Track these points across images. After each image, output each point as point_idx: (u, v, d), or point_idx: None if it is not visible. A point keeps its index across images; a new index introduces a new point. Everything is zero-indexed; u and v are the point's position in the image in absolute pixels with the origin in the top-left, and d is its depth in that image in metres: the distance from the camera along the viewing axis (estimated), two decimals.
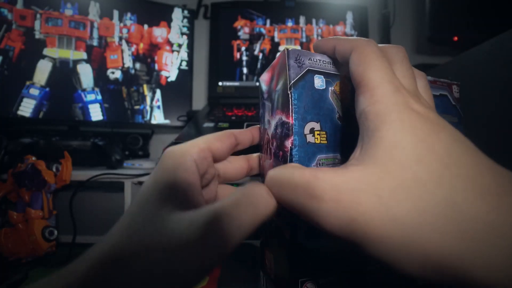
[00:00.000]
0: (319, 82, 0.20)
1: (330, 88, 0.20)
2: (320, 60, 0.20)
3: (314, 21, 0.81)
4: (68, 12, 0.68)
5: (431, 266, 0.12)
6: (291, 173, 0.15)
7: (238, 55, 0.80)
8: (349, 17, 0.82)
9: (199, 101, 0.89)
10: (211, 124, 0.59)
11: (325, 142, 0.20)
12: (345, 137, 0.20)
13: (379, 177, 0.13)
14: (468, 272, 0.11)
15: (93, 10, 0.70)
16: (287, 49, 0.19)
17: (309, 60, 0.20)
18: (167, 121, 0.79)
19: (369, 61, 0.16)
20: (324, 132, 0.20)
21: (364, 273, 0.21)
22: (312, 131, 0.19)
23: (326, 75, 0.20)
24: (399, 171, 0.12)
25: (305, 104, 0.19)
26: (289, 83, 0.19)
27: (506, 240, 0.11)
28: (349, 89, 0.21)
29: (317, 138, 0.19)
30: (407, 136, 0.13)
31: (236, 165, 0.24)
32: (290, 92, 0.19)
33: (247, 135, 0.24)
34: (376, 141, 0.14)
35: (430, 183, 0.12)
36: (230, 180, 0.24)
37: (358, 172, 0.13)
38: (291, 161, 0.19)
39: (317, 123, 0.19)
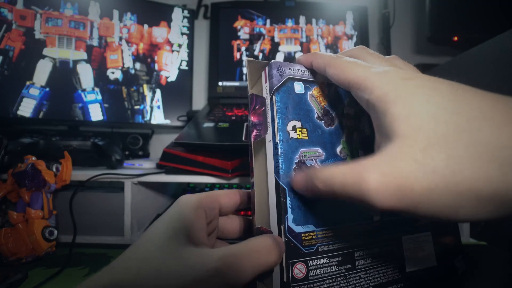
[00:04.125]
0: (298, 87, 0.23)
1: (308, 93, 0.24)
2: (299, 69, 0.24)
3: (314, 21, 0.81)
4: (68, 12, 0.68)
5: (484, 201, 0.12)
6: (341, 173, 0.16)
7: (238, 55, 0.80)
8: (349, 17, 0.82)
9: (199, 101, 0.89)
10: (211, 124, 0.59)
11: (306, 137, 0.23)
12: (324, 133, 0.24)
13: (409, 146, 0.14)
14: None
15: (93, 10, 0.70)
16: (270, 62, 0.23)
17: (289, 69, 0.23)
18: (167, 121, 0.79)
19: (345, 66, 0.19)
20: (305, 129, 0.23)
21: (353, 253, 0.23)
22: (294, 128, 0.22)
23: (305, 82, 0.24)
24: (421, 134, 0.14)
25: (287, 105, 0.22)
26: (273, 88, 0.22)
27: None
28: (326, 93, 0.25)
29: (298, 134, 0.22)
30: (413, 104, 0.15)
31: (233, 224, 0.27)
32: (273, 96, 0.22)
33: (246, 195, 0.27)
34: (391, 120, 0.15)
35: (450, 132, 0.13)
36: (225, 237, 0.27)
37: (390, 150, 0.15)
38: (276, 154, 0.22)
39: (298, 121, 0.23)
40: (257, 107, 0.25)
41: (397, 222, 0.25)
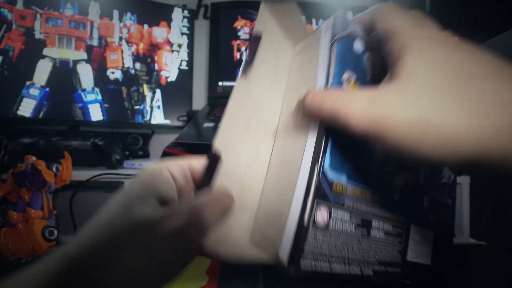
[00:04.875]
0: (358, 45, 0.22)
1: (365, 55, 0.23)
2: (360, 30, 0.23)
3: (314, 21, 0.81)
4: (68, 12, 0.68)
5: (445, 141, 0.14)
6: (332, 91, 0.19)
7: (238, 55, 0.80)
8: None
9: (199, 101, 0.89)
10: (211, 124, 0.59)
11: None
12: None
13: (403, 84, 0.16)
14: (475, 143, 0.14)
15: (93, 10, 0.70)
16: (335, 14, 0.23)
17: (351, 26, 0.23)
18: (167, 121, 0.79)
19: (390, 15, 0.19)
20: (357, 86, 0.22)
21: (370, 221, 0.22)
22: (348, 80, 0.21)
23: (363, 42, 0.23)
24: (418, 79, 0.16)
25: (346, 56, 0.21)
26: (335, 36, 0.22)
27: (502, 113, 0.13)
28: (378, 60, 0.23)
29: (351, 88, 0.21)
30: (424, 56, 0.16)
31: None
32: (334, 43, 0.22)
33: None
34: (400, 66, 0.17)
35: (444, 83, 0.15)
36: None
37: (387, 86, 0.17)
38: None
39: (354, 75, 0.22)
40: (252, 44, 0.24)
41: (413, 206, 0.26)
